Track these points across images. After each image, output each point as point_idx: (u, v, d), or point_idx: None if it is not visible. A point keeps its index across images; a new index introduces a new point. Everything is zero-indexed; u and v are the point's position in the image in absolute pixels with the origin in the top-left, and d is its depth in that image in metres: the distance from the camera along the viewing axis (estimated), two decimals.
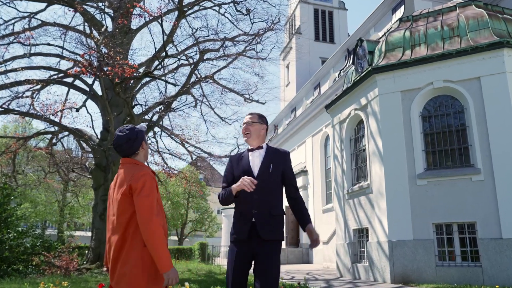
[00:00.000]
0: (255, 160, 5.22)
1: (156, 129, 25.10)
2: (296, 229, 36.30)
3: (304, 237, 34.53)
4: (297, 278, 18.47)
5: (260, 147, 5.31)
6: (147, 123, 22.76)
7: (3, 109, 20.87)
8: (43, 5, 27.09)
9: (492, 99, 15.80)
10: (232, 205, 5.50)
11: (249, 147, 5.35)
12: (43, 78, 21.70)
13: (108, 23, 55.29)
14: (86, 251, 22.91)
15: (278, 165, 5.21)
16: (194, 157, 27.34)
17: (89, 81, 22.97)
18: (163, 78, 21.80)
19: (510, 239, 14.62)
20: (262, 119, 5.44)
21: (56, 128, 22.81)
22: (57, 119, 21.05)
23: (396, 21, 20.31)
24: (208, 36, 23.43)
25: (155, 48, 19.77)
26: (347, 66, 31.36)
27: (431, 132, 16.94)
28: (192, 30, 22.78)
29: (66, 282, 12.05)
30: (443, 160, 16.54)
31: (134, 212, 4.05)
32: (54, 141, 25.52)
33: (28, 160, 34.67)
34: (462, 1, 19.21)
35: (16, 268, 17.22)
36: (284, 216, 5.32)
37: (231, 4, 23.27)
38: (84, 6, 21.20)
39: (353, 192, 19.44)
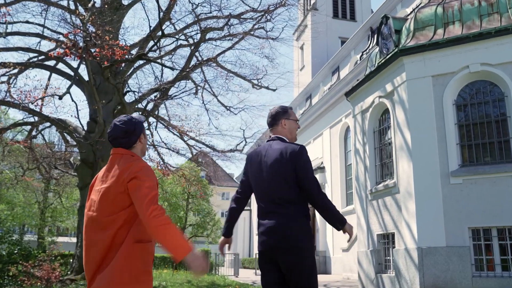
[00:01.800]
0: None
1: (151, 119, 25.16)
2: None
3: (320, 244, 34.57)
4: None
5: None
6: (140, 113, 22.81)
7: None
8: None
9: None
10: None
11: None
12: (21, 61, 21.75)
13: None
14: (71, 260, 22.92)
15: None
16: (194, 152, 27.42)
17: (74, 64, 22.94)
18: (159, 61, 21.84)
19: None
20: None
21: (36, 118, 22.88)
22: (37, 108, 21.14)
23: None
24: (210, 12, 23.43)
25: (150, 27, 19.88)
26: (370, 47, 31.35)
27: (467, 123, 16.93)
28: (193, 5, 22.78)
29: None
30: (481, 155, 16.53)
31: (127, 208, 4.13)
32: (33, 133, 25.63)
33: (3, 155, 34.73)
34: None
35: None
36: None
37: None
38: None
39: (377, 192, 19.47)
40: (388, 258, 18.81)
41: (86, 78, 21.43)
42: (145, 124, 24.87)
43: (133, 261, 4.09)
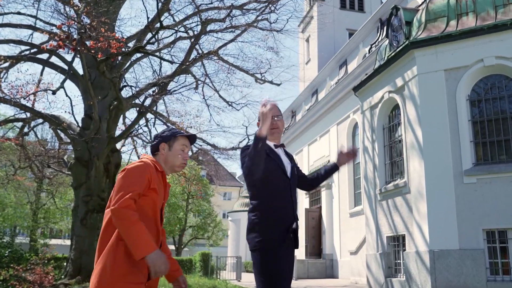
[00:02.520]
0: (284, 159, 5.45)
1: (149, 115, 25.16)
2: (317, 237, 36.37)
3: (327, 247, 34.59)
4: None
5: (282, 145, 5.63)
6: (137, 109, 22.82)
7: None
8: None
9: None
10: (244, 207, 5.69)
11: (274, 144, 5.52)
12: (13, 54, 21.79)
13: None
14: (65, 263, 22.97)
15: (296, 168, 5.65)
16: (194, 149, 27.45)
17: (68, 57, 22.93)
18: (157, 54, 21.86)
19: None
20: None
21: (28, 114, 22.90)
22: (29, 104, 21.14)
23: None
24: (211, 3, 23.41)
25: (148, 18, 19.79)
26: (379, 39, 31.32)
27: (481, 119, 16.93)
28: None
29: None
30: (496, 153, 16.53)
31: None
32: (25, 130, 25.63)
33: None
34: None
35: None
36: None
37: None
38: None
39: (386, 192, 19.48)
40: (399, 261, 18.83)
41: (80, 72, 21.45)
42: (143, 120, 24.88)
43: (116, 260, 4.12)
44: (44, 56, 22.63)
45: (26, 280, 17.44)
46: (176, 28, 23.23)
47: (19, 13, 21.82)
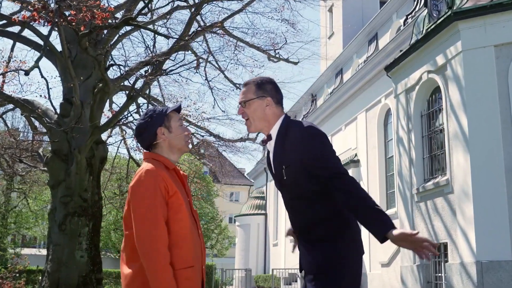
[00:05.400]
0: (271, 156, 5.24)
1: (141, 100, 25.17)
2: None
3: None
4: None
5: (269, 137, 5.22)
6: (127, 92, 22.84)
7: None
8: None
9: None
10: (254, 210, 5.66)
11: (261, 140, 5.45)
12: None
13: None
14: (40, 277, 23.07)
15: (292, 157, 4.99)
16: (195, 141, 27.47)
17: (44, 31, 22.86)
18: (150, 26, 21.87)
19: None
20: (261, 87, 5.33)
21: None
22: None
23: None
24: None
25: None
26: (416, 9, 31.29)
27: None
28: None
29: None
30: None
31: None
32: None
33: None
34: None
35: None
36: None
37: None
38: None
39: (425, 192, 19.48)
40: (439, 274, 18.84)
41: (59, 48, 21.44)
42: (133, 106, 24.87)
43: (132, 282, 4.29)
44: (15, 29, 22.67)
45: None
46: None
47: None
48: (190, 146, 4.40)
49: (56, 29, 17.76)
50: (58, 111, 21.84)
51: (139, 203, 4.27)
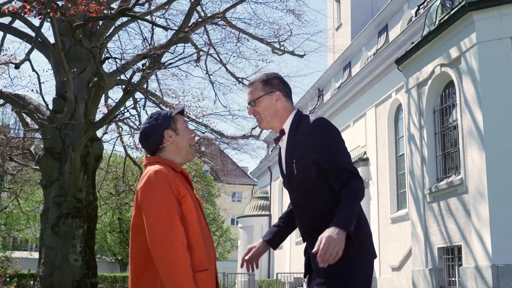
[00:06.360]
0: (283, 153, 5.37)
1: (138, 95, 25.21)
2: None
3: None
4: None
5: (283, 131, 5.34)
6: (123, 86, 22.86)
7: None
8: None
9: None
10: (257, 211, 5.71)
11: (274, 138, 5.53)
12: None
13: None
14: (31, 282, 23.12)
15: (302, 150, 5.12)
16: (196, 138, 27.45)
17: (36, 22, 22.86)
18: (148, 17, 21.90)
19: None
20: (268, 83, 5.38)
21: None
22: None
23: None
24: None
25: None
26: None
27: None
28: None
29: None
30: None
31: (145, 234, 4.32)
32: None
33: None
34: None
35: None
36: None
37: None
38: None
39: (438, 192, 19.49)
40: (453, 279, 18.87)
41: (51, 40, 21.48)
42: (130, 101, 24.89)
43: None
44: (6, 20, 22.69)
45: None
46: None
47: None
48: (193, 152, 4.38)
49: (49, 20, 17.76)
50: (50, 106, 21.80)
51: (152, 204, 4.29)
